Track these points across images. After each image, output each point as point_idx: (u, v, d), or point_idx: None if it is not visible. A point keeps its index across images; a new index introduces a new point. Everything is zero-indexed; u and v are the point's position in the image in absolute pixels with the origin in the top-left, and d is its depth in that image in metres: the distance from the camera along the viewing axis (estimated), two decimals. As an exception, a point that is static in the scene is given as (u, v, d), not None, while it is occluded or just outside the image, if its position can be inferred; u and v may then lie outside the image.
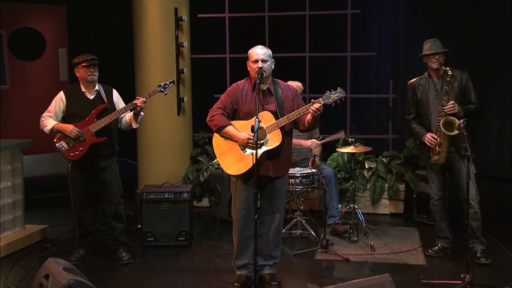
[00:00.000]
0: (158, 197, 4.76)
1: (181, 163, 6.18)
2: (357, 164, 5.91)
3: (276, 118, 3.56)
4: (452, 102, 4.08)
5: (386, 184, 5.75)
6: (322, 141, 5.10)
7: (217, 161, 3.70)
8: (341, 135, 4.99)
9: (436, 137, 4.18)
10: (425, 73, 4.34)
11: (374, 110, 8.10)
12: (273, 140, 3.54)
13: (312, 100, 3.50)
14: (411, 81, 4.42)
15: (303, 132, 3.84)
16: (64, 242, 4.83)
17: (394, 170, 5.82)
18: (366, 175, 5.82)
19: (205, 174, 6.00)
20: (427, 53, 4.24)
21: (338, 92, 3.49)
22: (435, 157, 4.23)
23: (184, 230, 4.73)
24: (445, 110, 4.09)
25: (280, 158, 3.64)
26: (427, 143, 4.23)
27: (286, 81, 4.43)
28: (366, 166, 5.87)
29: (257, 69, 3.53)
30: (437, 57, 4.19)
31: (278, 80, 3.76)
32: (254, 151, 3.34)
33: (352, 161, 4.95)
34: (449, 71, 4.08)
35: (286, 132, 3.63)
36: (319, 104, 3.45)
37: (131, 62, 6.23)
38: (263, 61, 3.56)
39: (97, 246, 4.68)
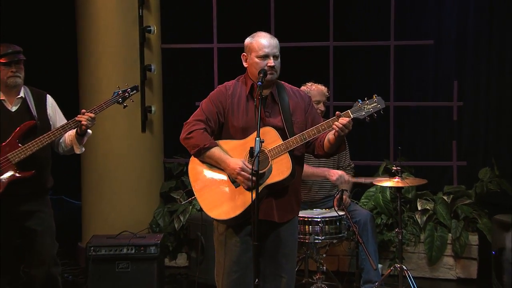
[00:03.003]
0: (113, 253, 4.73)
1: (147, 202, 6.16)
2: (405, 205, 5.85)
3: (283, 137, 3.54)
4: None
5: (450, 235, 5.70)
6: (355, 180, 5.06)
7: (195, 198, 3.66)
8: (379, 181, 4.95)
9: None
10: None
11: (430, 124, 8.05)
12: (278, 170, 3.50)
13: (336, 112, 3.47)
14: None
15: (319, 157, 3.81)
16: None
17: (461, 213, 5.78)
18: (419, 220, 5.78)
19: (182, 219, 5.97)
20: None
21: (375, 102, 3.46)
22: None
23: (150, 303, 4.70)
24: None
25: (288, 196, 3.61)
26: None
27: (299, 85, 4.42)
28: (419, 208, 5.83)
29: (267, 67, 3.55)
30: None
31: (283, 82, 3.75)
32: (253, 185, 3.29)
33: (397, 200, 4.91)
34: None
35: (296, 158, 3.60)
36: (347, 119, 3.42)
37: (73, 55, 6.24)
38: (276, 56, 3.58)
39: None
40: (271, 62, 3.55)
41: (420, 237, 5.76)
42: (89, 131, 4.25)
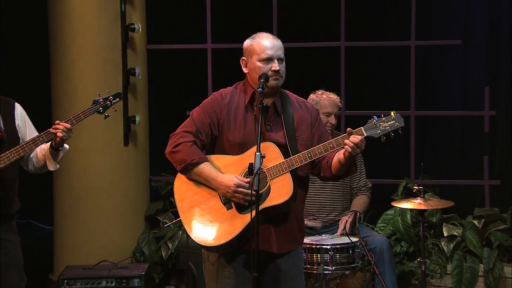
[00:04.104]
0: (90, 287, 4.72)
1: (130, 227, 6.18)
2: (428, 230, 5.86)
3: (285, 154, 3.56)
4: None
5: (482, 266, 5.70)
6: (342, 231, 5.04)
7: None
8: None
9: None
10: None
11: (457, 137, 8.08)
12: (278, 192, 3.51)
13: (348, 129, 3.49)
14: None
15: (326, 180, 3.83)
16: None
17: (494, 241, 5.78)
18: (445, 248, 5.77)
19: (170, 246, 5.99)
20: None
21: (393, 120, 3.48)
22: None
23: None
24: None
25: (289, 223, 3.62)
26: None
27: (304, 94, 4.43)
28: (445, 234, 5.82)
29: (271, 72, 3.58)
30: None
31: (287, 92, 3.78)
32: (250, 207, 3.31)
33: (420, 225, 4.91)
34: None
35: (299, 180, 3.62)
36: (359, 137, 3.44)
37: (45, 58, 6.28)
38: (280, 60, 3.62)
39: None
40: (275, 66, 3.57)
41: (447, 268, 5.75)
42: (66, 145, 4.24)
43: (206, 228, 3.56)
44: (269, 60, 3.58)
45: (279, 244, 3.60)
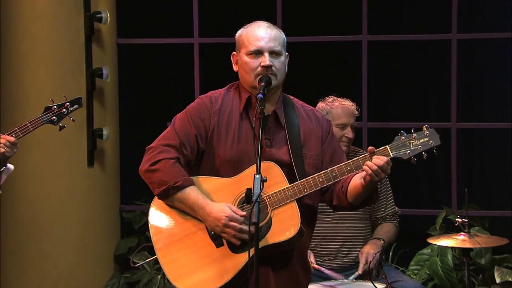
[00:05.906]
0: None
1: (95, 269, 6.18)
2: (476, 274, 5.85)
3: (290, 176, 3.57)
4: None
5: (544, 321, 5.69)
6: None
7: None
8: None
9: None
10: None
11: (510, 156, 8.09)
12: (281, 226, 3.53)
13: (369, 147, 3.52)
14: None
15: (340, 210, 3.83)
16: None
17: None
18: (497, 298, 5.78)
19: (145, 294, 5.99)
20: None
21: (426, 136, 3.51)
22: None
23: None
24: None
25: (291, 263, 3.64)
26: None
27: (314, 100, 4.43)
28: (498, 280, 5.80)
29: (260, 69, 3.60)
30: None
31: (292, 97, 3.80)
32: (247, 246, 3.34)
33: (465, 267, 4.90)
34: None
35: (307, 209, 3.64)
36: (384, 159, 3.46)
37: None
38: (273, 53, 3.64)
39: None
40: (265, 60, 3.58)
41: (499, 323, 5.75)
42: (10, 165, 4.24)
43: (189, 270, 3.56)
44: (258, 53, 3.61)
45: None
